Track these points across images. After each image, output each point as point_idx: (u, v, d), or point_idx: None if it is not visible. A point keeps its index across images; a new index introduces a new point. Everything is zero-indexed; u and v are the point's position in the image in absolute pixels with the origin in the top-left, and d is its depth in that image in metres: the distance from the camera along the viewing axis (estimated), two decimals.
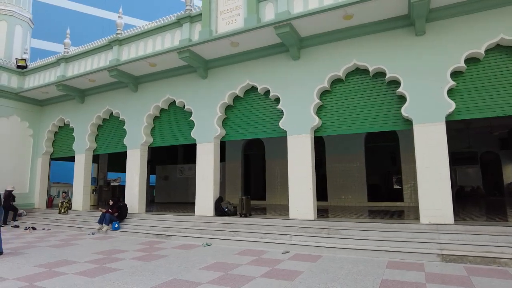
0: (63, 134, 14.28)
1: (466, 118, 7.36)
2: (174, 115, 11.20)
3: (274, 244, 7.49)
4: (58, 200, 14.47)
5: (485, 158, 19.25)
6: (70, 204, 13.11)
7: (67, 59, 12.50)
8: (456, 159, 18.97)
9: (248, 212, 9.48)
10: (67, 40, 12.89)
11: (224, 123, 10.11)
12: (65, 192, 14.33)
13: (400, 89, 7.58)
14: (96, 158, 17.59)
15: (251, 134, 9.78)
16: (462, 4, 7.15)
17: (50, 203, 14.81)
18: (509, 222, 7.11)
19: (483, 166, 19.17)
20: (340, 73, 8.31)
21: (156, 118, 11.54)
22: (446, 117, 7.18)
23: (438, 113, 7.19)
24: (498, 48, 7.11)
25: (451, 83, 7.18)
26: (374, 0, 7.10)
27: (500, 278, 4.91)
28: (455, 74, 7.30)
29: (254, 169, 16.55)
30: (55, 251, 7.63)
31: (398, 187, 13.27)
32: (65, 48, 12.75)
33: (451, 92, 7.28)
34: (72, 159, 13.72)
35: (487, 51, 7.12)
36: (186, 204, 15.03)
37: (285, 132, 8.85)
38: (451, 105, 7.12)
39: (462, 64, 7.16)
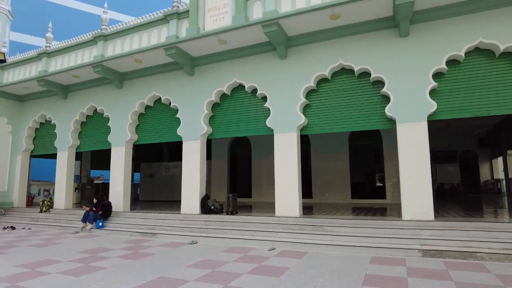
0: (45, 130, 13.91)
1: (447, 118, 7.61)
2: (159, 113, 11.10)
3: (261, 241, 7.56)
4: (38, 199, 14.13)
5: (464, 156, 19.91)
6: (52, 202, 12.81)
7: (49, 54, 12.18)
8: (437, 157, 19.56)
9: (234, 209, 9.51)
10: (49, 34, 12.55)
11: (211, 121, 10.09)
12: (47, 191, 14.02)
13: (384, 89, 7.76)
14: (79, 156, 17.21)
15: (238, 132, 9.80)
16: (445, 7, 7.38)
17: (30, 202, 14.43)
18: (485, 218, 7.41)
19: (462, 164, 19.82)
20: (326, 73, 8.44)
21: (141, 115, 11.41)
22: (428, 117, 7.41)
23: (420, 113, 7.40)
24: (477, 51, 7.38)
25: (433, 84, 7.41)
26: (361, 1, 7.23)
27: (476, 271, 5.13)
28: (437, 75, 7.53)
29: (240, 167, 16.58)
30: (37, 250, 7.47)
31: (381, 184, 13.58)
32: (47, 42, 12.41)
33: (433, 93, 7.51)
34: (53, 156, 13.40)
35: (467, 53, 7.37)
36: (172, 202, 14.93)
37: (272, 130, 8.92)
38: (433, 105, 7.35)
39: (444, 65, 7.39)
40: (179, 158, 10.17)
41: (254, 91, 9.40)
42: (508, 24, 6.97)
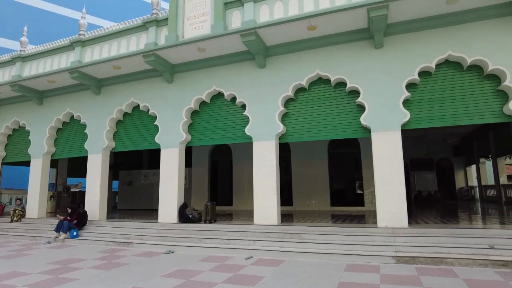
0: (18, 137, 13.45)
1: (421, 127, 7.87)
2: (138, 120, 10.95)
3: (238, 250, 7.52)
4: (10, 208, 13.58)
5: (441, 164, 20.54)
6: (24, 211, 12.35)
7: (24, 58, 11.87)
8: (415, 165, 20.13)
9: (213, 218, 9.44)
10: (23, 38, 12.25)
11: (190, 128, 10.04)
12: (19, 199, 13.48)
13: (360, 99, 7.95)
14: (55, 163, 16.72)
15: (217, 139, 9.78)
16: (416, 21, 7.67)
17: (0, 211, 13.84)
18: (457, 224, 7.63)
19: (439, 171, 20.42)
20: (304, 82, 8.57)
21: (119, 122, 11.23)
22: (401, 126, 7.63)
23: (394, 122, 7.61)
24: (447, 63, 7.68)
25: (406, 94, 7.64)
26: (337, 12, 7.43)
27: (446, 277, 5.28)
28: (410, 86, 7.78)
29: (221, 174, 16.51)
30: (4, 262, 7.15)
31: (360, 192, 13.80)
32: (21, 46, 12.10)
33: (406, 103, 7.75)
34: (27, 163, 12.96)
35: (438, 65, 7.66)
36: (151, 210, 14.65)
37: (251, 138, 8.95)
38: (406, 115, 7.57)
39: (416, 76, 7.65)
40: (159, 166, 10.05)
41: (234, 99, 9.43)
42: (474, 38, 7.31)
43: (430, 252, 6.29)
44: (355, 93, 8.15)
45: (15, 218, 11.96)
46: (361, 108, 8.04)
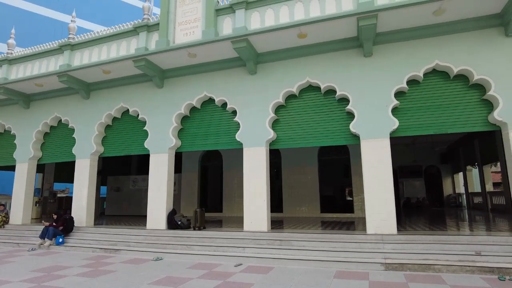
0: (3, 141, 13.14)
1: (409, 135, 7.98)
2: (127, 124, 10.84)
3: (227, 257, 7.45)
4: None
5: (429, 171, 20.83)
6: (8, 217, 12.04)
7: (11, 61, 11.66)
8: (403, 172, 20.36)
9: (202, 224, 9.35)
10: (11, 41, 12.04)
11: (180, 134, 9.98)
12: (2, 205, 13.14)
13: (349, 106, 8.02)
14: (41, 168, 16.39)
15: (207, 145, 9.74)
16: (404, 30, 7.81)
17: None
18: (444, 231, 7.71)
19: (427, 179, 20.70)
20: (294, 89, 8.62)
21: (108, 127, 11.09)
22: (390, 134, 7.71)
23: (383, 129, 7.70)
24: (434, 72, 7.83)
25: (395, 102, 7.75)
26: (326, 21, 7.52)
27: (433, 283, 5.31)
28: (398, 94, 7.90)
29: (211, 180, 16.40)
30: None
31: (350, 198, 13.86)
32: (8, 49, 11.89)
33: (395, 111, 7.85)
34: (12, 168, 12.67)
35: (426, 74, 7.79)
36: (139, 217, 14.44)
37: (241, 144, 8.93)
38: (395, 123, 7.67)
39: (405, 85, 7.77)
40: (148, 171, 9.93)
41: (224, 105, 9.42)
42: (460, 48, 7.48)
43: (418, 259, 6.33)
44: (345, 100, 8.23)
45: None
46: (351, 115, 8.12)
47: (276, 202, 13.40)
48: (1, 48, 20.69)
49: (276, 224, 10.08)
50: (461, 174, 19.42)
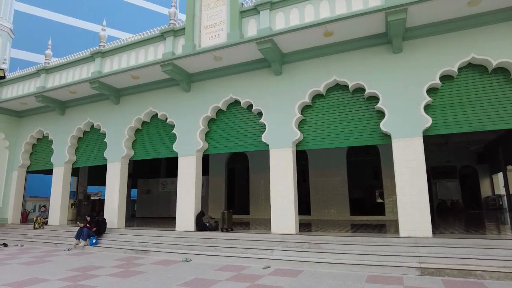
0: (42, 146, 13.90)
1: (443, 133, 7.57)
2: (156, 128, 11.09)
3: (255, 259, 7.39)
4: (34, 215, 13.95)
5: (464, 172, 19.79)
6: (47, 219, 12.65)
7: (48, 70, 12.30)
8: (437, 173, 19.46)
9: (229, 226, 9.36)
10: (48, 51, 12.72)
11: (207, 136, 10.07)
12: (44, 206, 13.86)
13: (379, 105, 7.75)
14: (76, 171, 17.13)
15: (233, 147, 9.76)
16: (436, 24, 7.46)
17: (24, 218, 14.25)
18: (485, 235, 7.25)
19: (462, 180, 19.67)
20: (321, 89, 8.46)
21: (137, 131, 11.41)
22: (423, 132, 7.37)
23: (415, 128, 7.37)
24: (470, 67, 7.41)
25: (428, 99, 7.40)
26: (353, 18, 7.32)
27: None
28: (431, 91, 7.54)
29: (238, 182, 16.45)
30: (26, 268, 7.29)
31: (381, 201, 13.41)
32: (46, 59, 12.56)
33: (427, 108, 7.50)
34: (50, 172, 13.32)
35: (460, 69, 7.39)
36: (169, 219, 14.73)
37: (267, 145, 8.87)
38: (428, 120, 7.32)
39: (437, 81, 7.41)
40: (176, 174, 10.09)
41: (250, 106, 9.41)
42: (499, 40, 7.03)
43: (457, 264, 5.97)
44: (374, 98, 7.97)
45: (37, 225, 12.26)
46: (381, 114, 7.84)
47: (303, 205, 13.21)
48: (39, 59, 21.89)
49: (304, 227, 9.91)
50: (500, 174, 18.29)
